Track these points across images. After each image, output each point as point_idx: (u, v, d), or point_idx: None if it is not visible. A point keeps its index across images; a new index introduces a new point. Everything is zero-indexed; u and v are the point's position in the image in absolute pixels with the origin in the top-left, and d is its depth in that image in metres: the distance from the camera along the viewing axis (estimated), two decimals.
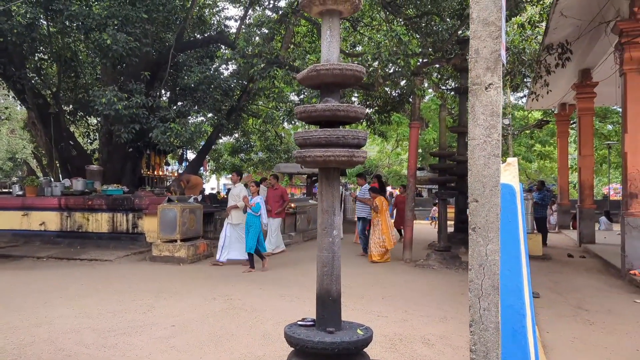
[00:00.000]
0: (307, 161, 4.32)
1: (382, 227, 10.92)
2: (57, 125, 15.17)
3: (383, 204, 11.10)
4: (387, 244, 10.87)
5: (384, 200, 11.26)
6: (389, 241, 10.89)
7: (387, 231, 10.92)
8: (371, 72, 9.38)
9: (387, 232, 10.91)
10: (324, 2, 4.27)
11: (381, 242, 10.89)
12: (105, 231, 12.86)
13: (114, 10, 12.11)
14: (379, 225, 10.96)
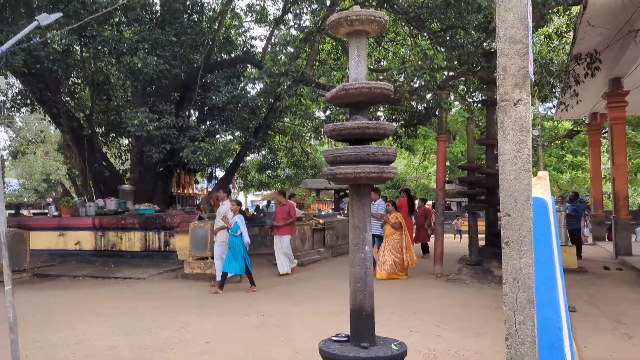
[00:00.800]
0: (337, 178, 4.39)
1: (408, 245, 10.69)
2: (90, 147, 15.60)
3: (403, 220, 10.87)
4: (411, 262, 10.70)
5: (400, 216, 10.94)
6: (412, 259, 10.74)
7: (411, 249, 10.76)
8: (397, 87, 9.43)
9: (410, 250, 10.74)
10: (351, 23, 4.36)
11: (400, 260, 10.57)
12: (138, 249, 13.11)
13: (144, 35, 12.46)
14: (403, 242, 10.65)
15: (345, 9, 12.64)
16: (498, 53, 2.79)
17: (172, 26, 13.23)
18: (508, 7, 2.72)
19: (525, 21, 2.73)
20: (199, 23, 14.71)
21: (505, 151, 2.75)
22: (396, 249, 10.59)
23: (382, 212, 11.23)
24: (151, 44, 12.55)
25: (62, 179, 32.09)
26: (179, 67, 13.55)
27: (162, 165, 15.52)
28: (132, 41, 12.29)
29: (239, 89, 14.54)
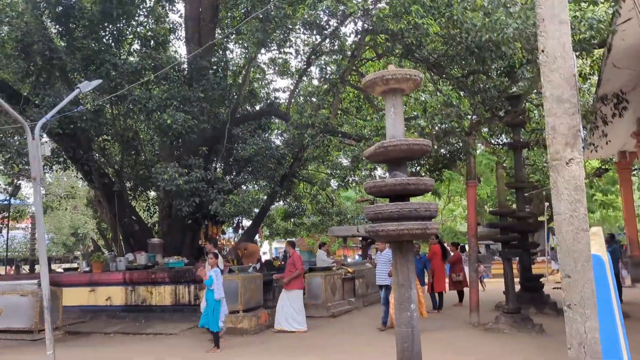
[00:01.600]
0: (380, 235, 4.37)
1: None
2: (120, 202, 15.83)
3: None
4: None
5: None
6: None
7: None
8: (425, 134, 9.49)
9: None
10: (387, 82, 4.44)
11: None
12: (168, 304, 13.06)
13: (173, 92, 12.83)
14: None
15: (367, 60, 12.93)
16: (545, 112, 2.80)
17: (200, 83, 13.60)
18: (553, 68, 2.75)
19: (571, 81, 2.75)
20: (224, 78, 15.11)
21: (561, 211, 2.72)
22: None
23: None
24: (180, 100, 12.89)
25: (90, 232, 32.50)
26: (206, 121, 13.84)
27: (191, 217, 15.64)
28: (161, 99, 12.65)
29: (265, 140, 14.75)
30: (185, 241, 16.36)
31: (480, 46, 9.62)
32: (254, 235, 19.43)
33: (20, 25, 12.81)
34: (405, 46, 10.56)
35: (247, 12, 12.44)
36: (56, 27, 14.53)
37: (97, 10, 13.28)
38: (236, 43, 16.72)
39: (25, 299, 11.70)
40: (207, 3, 15.37)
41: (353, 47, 12.57)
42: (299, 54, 15.32)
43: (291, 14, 10.65)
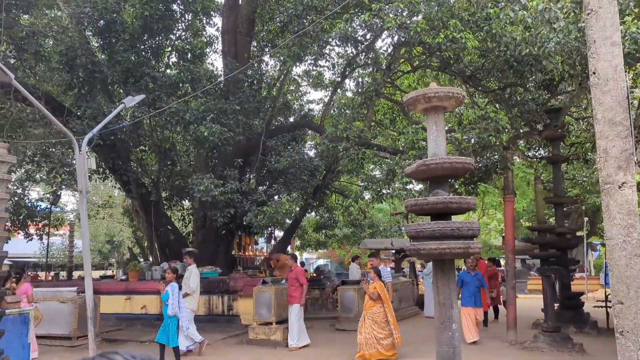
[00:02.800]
0: (421, 254, 4.34)
1: (391, 319, 9.02)
2: (156, 212, 16.14)
3: (384, 290, 9.26)
4: (398, 339, 9.07)
5: (383, 285, 9.33)
6: (398, 336, 9.09)
7: (396, 323, 9.17)
8: (462, 149, 9.40)
9: (396, 324, 9.15)
10: (429, 100, 4.43)
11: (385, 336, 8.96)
12: (202, 314, 13.16)
13: (210, 105, 13.06)
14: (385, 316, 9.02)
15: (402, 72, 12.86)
16: (597, 135, 2.75)
17: (236, 95, 13.81)
18: (605, 90, 2.69)
19: (624, 103, 2.69)
20: (259, 91, 15.30)
21: (613, 235, 2.65)
22: (378, 324, 9.00)
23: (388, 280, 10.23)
24: (216, 112, 13.10)
25: (126, 240, 33.11)
26: (241, 133, 14.04)
27: (225, 228, 15.83)
28: (198, 111, 12.88)
29: (298, 152, 14.85)
30: (219, 251, 16.55)
31: (519, 60, 9.51)
32: (286, 247, 19.52)
33: (64, 39, 13.27)
34: (442, 59, 10.51)
35: (284, 25, 12.58)
36: (98, 41, 14.99)
37: (137, 24, 13.66)
38: (272, 56, 16.93)
39: (64, 306, 11.99)
40: (243, 16, 15.65)
41: (388, 60, 12.58)
42: (334, 67, 15.42)
43: (327, 28, 10.72)
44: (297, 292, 10.69)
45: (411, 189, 11.37)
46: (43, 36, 12.84)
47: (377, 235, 21.53)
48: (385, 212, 27.13)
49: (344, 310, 12.78)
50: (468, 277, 10.60)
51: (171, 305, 8.98)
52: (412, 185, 11.82)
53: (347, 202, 21.13)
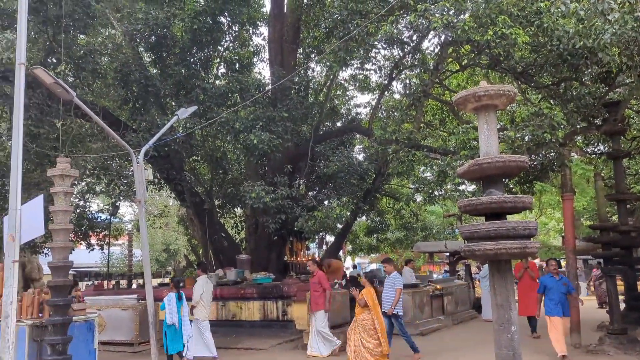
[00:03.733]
0: (476, 255, 4.25)
1: (379, 327, 8.74)
2: (210, 220, 16.50)
3: (373, 296, 8.93)
4: (385, 349, 8.70)
5: (373, 291, 9.00)
6: (386, 344, 8.77)
7: (384, 332, 8.86)
8: (516, 147, 9.15)
9: (384, 333, 8.84)
10: (479, 99, 4.34)
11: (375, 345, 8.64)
12: (257, 319, 13.34)
13: (258, 113, 13.26)
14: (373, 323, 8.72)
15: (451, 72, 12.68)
16: None
17: (283, 102, 13.98)
18: None
19: None
20: (306, 97, 15.42)
21: None
22: (367, 332, 8.73)
23: (400, 287, 9.57)
24: (265, 120, 13.30)
25: (181, 248, 33.98)
26: (290, 140, 14.18)
27: (277, 234, 16.00)
28: (248, 120, 13.11)
29: (347, 157, 14.86)
30: (271, 257, 16.74)
31: (573, 53, 9.17)
32: (338, 251, 19.53)
33: (118, 56, 13.81)
34: (492, 57, 10.28)
35: (329, 31, 12.64)
36: (150, 56, 15.52)
37: (187, 38, 14.05)
38: (318, 62, 17.05)
39: (126, 313, 12.42)
40: (289, 25, 15.84)
41: (435, 60, 12.42)
42: (381, 70, 15.35)
43: (373, 32, 10.69)
44: (320, 298, 10.49)
45: (464, 189, 11.16)
46: (99, 54, 13.39)
47: (430, 238, 21.26)
48: (438, 215, 26.76)
49: None
50: (552, 282, 9.16)
51: (168, 313, 9.36)
52: (465, 186, 11.60)
53: (399, 205, 20.99)
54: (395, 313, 9.43)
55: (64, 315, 6.90)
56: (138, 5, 13.89)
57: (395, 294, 9.45)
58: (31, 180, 10.62)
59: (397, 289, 9.51)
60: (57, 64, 12.31)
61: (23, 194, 5.67)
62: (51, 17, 11.36)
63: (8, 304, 5.07)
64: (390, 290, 9.62)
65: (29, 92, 10.17)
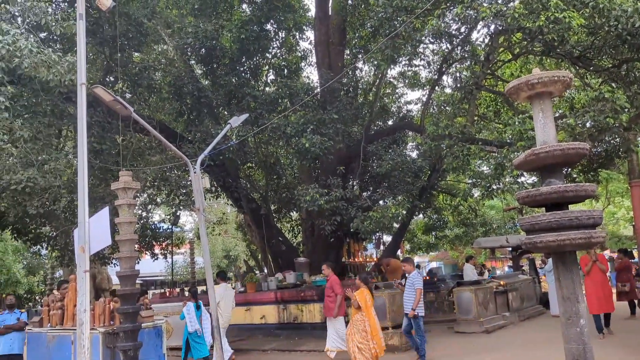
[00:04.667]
0: (538, 247, 4.12)
1: (370, 329, 8.72)
2: (267, 224, 16.75)
3: (367, 298, 8.97)
4: (379, 350, 8.71)
5: (367, 292, 9.08)
6: (380, 346, 8.75)
7: (377, 333, 8.81)
8: (577, 134, 8.79)
9: (377, 334, 8.78)
10: (532, 87, 4.22)
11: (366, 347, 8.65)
12: (318, 321, 13.41)
13: (309, 117, 13.36)
14: (364, 324, 8.77)
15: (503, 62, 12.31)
16: None
17: (333, 105, 14.02)
18: None
19: None
20: (355, 98, 15.40)
21: None
22: (360, 333, 8.78)
23: (419, 287, 9.32)
24: (315, 124, 13.38)
25: (241, 254, 34.64)
26: (341, 141, 14.19)
27: (333, 235, 16.05)
28: (298, 124, 13.23)
29: (400, 155, 14.73)
30: (329, 259, 16.76)
31: (633, 33, 8.73)
32: (396, 251, 19.37)
33: (172, 70, 14.28)
34: (545, 43, 9.93)
35: (375, 30, 12.59)
36: (201, 68, 15.96)
37: (235, 47, 14.35)
38: (366, 62, 17.00)
39: None
40: (334, 27, 15.88)
41: (486, 51, 12.13)
42: (430, 65, 15.15)
43: (419, 27, 10.56)
44: (332, 303, 10.47)
45: (523, 182, 10.81)
46: (153, 70, 13.90)
47: (490, 233, 20.71)
48: (497, 209, 26.07)
49: (461, 312, 12.42)
50: None
51: (189, 323, 9.68)
52: (525, 177, 11.24)
53: (456, 201, 20.60)
54: (415, 314, 9.27)
55: (134, 322, 7.19)
56: (187, 20, 14.31)
57: (416, 295, 9.29)
58: (96, 194, 11.13)
59: (417, 289, 9.33)
60: (115, 82, 12.87)
61: (90, 208, 5.96)
62: (107, 38, 11.90)
63: (82, 312, 5.34)
64: (411, 291, 9.45)
65: (90, 111, 10.69)
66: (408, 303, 9.47)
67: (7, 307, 9.73)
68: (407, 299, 9.54)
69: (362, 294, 8.94)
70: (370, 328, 8.70)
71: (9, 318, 9.45)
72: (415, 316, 9.23)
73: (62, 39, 11.37)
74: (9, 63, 8.14)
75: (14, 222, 12.37)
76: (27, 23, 9.08)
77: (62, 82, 8.78)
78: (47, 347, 8.14)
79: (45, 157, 10.17)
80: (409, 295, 9.47)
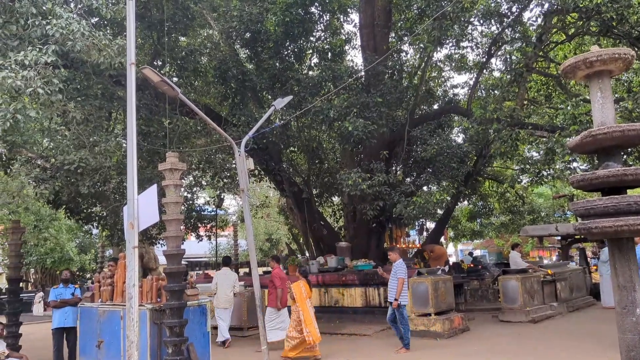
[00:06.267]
0: (593, 233, 3.96)
1: (304, 319, 9.16)
2: (309, 208, 16.81)
3: (302, 290, 9.40)
4: (314, 338, 9.12)
5: (304, 284, 9.52)
6: (314, 335, 9.14)
7: (311, 322, 9.20)
8: (634, 119, 8.37)
9: (310, 323, 9.18)
10: (590, 65, 4.03)
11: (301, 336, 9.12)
12: (359, 306, 13.43)
13: (352, 100, 13.25)
14: (298, 314, 9.24)
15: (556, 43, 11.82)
16: None
17: (377, 88, 13.84)
18: None
19: None
20: (400, 81, 15.15)
21: None
22: (294, 322, 9.33)
23: (402, 276, 9.45)
24: (359, 107, 13.26)
25: (283, 237, 35.02)
26: (385, 125, 14.02)
27: (375, 220, 15.96)
28: (341, 107, 13.14)
29: (445, 139, 14.46)
30: (371, 244, 16.73)
31: None
32: (439, 237, 19.14)
33: (217, 54, 14.41)
34: (602, 22, 9.46)
35: (421, 11, 12.33)
36: (246, 52, 16.03)
37: (280, 31, 14.33)
38: (411, 44, 16.69)
39: (235, 300, 12.99)
40: (380, 9, 15.61)
41: (538, 32, 11.68)
42: (478, 47, 14.73)
43: (468, 7, 10.25)
44: (272, 295, 10.55)
45: (575, 167, 10.42)
46: (199, 54, 14.05)
47: (538, 221, 20.14)
48: (546, 197, 25.31)
49: (507, 300, 12.16)
50: None
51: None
52: (577, 163, 10.84)
53: (503, 187, 20.12)
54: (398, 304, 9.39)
55: (180, 300, 7.34)
56: (232, 3, 14.35)
57: (398, 284, 9.40)
58: (144, 176, 11.39)
59: (399, 278, 9.46)
60: (162, 65, 13.08)
61: (138, 188, 6.10)
62: (155, 22, 12.08)
63: (131, 287, 5.50)
64: (394, 280, 9.58)
65: (138, 94, 10.90)
66: (391, 292, 9.64)
67: (63, 282, 10.18)
68: (391, 288, 9.72)
69: (297, 287, 9.47)
70: (304, 318, 9.17)
71: (64, 292, 9.89)
72: (399, 306, 9.39)
73: (112, 23, 11.60)
74: (63, 46, 8.35)
75: (67, 202, 12.83)
76: (79, 7, 9.28)
77: (112, 65, 8.97)
78: (98, 321, 8.45)
79: (96, 139, 10.47)
80: (392, 284, 9.64)
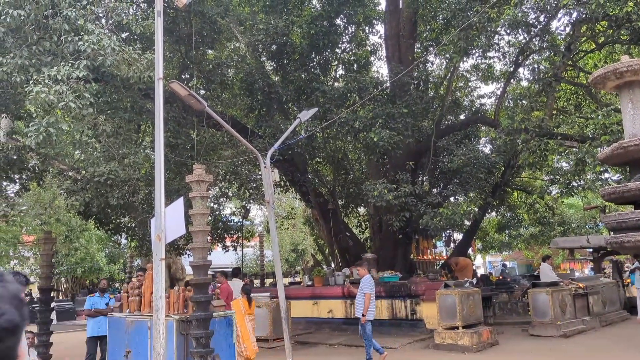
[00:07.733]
0: (625, 247, 3.85)
1: (241, 334, 9.20)
2: (335, 219, 16.79)
3: (241, 307, 9.52)
4: (249, 352, 9.22)
5: (244, 302, 9.70)
6: (250, 349, 9.24)
7: (248, 338, 9.30)
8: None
9: (247, 339, 9.28)
10: (621, 75, 3.94)
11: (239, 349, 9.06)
12: (385, 318, 13.31)
13: (377, 111, 13.22)
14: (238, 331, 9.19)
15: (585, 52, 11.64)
16: None
17: (402, 99, 13.80)
18: None
19: None
20: (426, 92, 15.08)
21: None
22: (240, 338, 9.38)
23: (368, 291, 9.51)
24: (384, 118, 13.22)
25: (309, 248, 34.99)
26: (410, 136, 13.96)
27: (401, 232, 15.84)
28: (367, 118, 13.13)
29: (472, 150, 14.30)
30: (397, 255, 16.60)
31: None
32: (467, 249, 18.86)
33: (243, 67, 14.58)
34: (633, 31, 9.27)
35: (447, 22, 12.26)
36: (272, 64, 16.18)
37: (305, 43, 14.44)
38: (437, 55, 16.62)
39: (260, 311, 13.00)
40: (405, 20, 15.63)
41: (567, 41, 11.50)
42: (505, 57, 14.57)
43: (494, 17, 10.17)
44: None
45: (607, 178, 10.18)
46: (226, 67, 14.25)
47: (569, 233, 19.69)
48: (577, 208, 24.76)
49: (537, 314, 11.89)
50: None
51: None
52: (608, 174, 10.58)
53: (532, 198, 19.77)
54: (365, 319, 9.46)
55: (206, 311, 7.39)
56: (259, 17, 14.54)
57: (365, 299, 9.48)
58: (172, 187, 11.55)
59: (366, 294, 9.55)
60: (190, 79, 13.28)
61: (165, 200, 6.19)
62: (183, 36, 12.31)
63: (158, 298, 5.56)
64: (361, 295, 9.67)
65: (166, 107, 11.08)
66: (359, 307, 9.76)
67: (100, 291, 10.44)
68: (358, 303, 9.86)
69: (236, 303, 9.72)
70: (241, 334, 9.28)
71: (99, 302, 10.14)
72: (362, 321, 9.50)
73: (141, 38, 11.86)
74: (94, 61, 8.57)
75: (97, 213, 13.08)
76: (110, 23, 9.52)
77: (141, 79, 9.15)
78: (126, 331, 8.55)
79: (126, 151, 10.67)
80: (359, 299, 9.78)
